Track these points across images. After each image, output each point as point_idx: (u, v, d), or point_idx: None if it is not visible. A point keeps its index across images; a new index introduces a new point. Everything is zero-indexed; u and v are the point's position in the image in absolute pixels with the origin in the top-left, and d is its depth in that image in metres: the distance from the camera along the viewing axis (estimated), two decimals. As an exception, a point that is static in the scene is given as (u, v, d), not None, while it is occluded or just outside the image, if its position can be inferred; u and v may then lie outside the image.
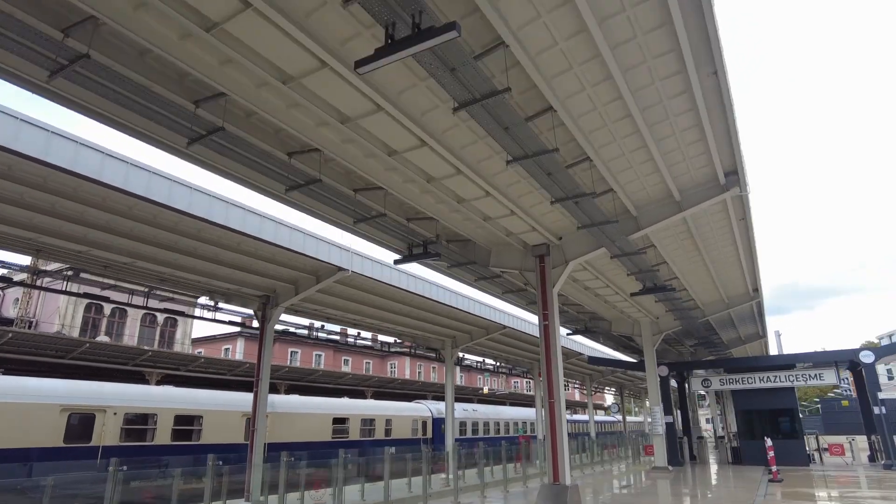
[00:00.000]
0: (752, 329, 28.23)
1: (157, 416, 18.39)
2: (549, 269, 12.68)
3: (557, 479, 11.40)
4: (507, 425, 38.83)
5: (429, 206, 11.15)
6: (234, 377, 26.93)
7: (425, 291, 19.51)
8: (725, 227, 14.16)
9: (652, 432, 21.12)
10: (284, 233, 14.20)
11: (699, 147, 10.29)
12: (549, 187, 9.03)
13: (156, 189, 11.26)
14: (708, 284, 18.72)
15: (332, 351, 58.13)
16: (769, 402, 22.74)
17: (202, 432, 19.57)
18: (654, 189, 11.57)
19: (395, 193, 10.57)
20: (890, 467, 19.88)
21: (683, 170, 11.01)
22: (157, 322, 35.17)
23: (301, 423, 23.99)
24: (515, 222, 11.55)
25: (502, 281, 14.77)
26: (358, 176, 10.46)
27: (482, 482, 14.17)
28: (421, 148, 8.36)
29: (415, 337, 26.63)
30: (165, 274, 15.36)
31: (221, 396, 21.09)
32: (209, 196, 12.35)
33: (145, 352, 23.06)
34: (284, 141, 9.21)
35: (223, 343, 46.32)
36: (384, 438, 29.38)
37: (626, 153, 9.97)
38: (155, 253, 13.97)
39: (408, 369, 65.27)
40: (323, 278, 16.48)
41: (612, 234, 11.19)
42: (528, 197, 10.90)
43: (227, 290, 17.24)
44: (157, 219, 12.45)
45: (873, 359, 21.21)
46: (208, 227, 12.81)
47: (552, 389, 11.94)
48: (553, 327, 12.30)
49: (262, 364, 16.90)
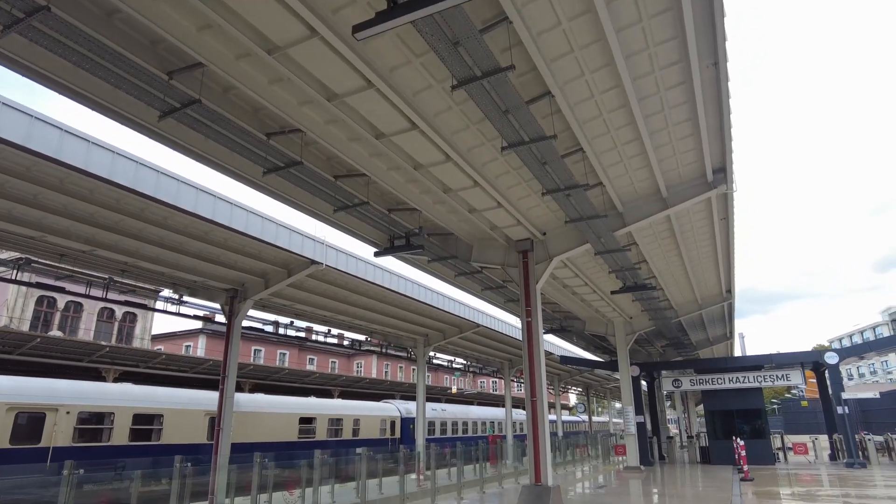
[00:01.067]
0: (721, 330, 28.66)
1: (113, 415, 17.38)
2: (532, 265, 12.38)
3: (539, 480, 11.10)
4: (476, 425, 38.57)
5: (413, 196, 10.70)
6: (196, 375, 25.87)
7: (401, 288, 19.03)
8: (706, 226, 14.14)
9: (625, 432, 21.12)
10: (256, 222, 13.53)
11: (690, 142, 10.14)
12: (542, 177, 8.70)
13: (120, 171, 10.49)
14: (684, 285, 18.79)
15: (297, 350, 56.93)
16: (737, 402, 23.05)
17: (163, 432, 18.62)
18: (641, 185, 11.39)
19: (378, 181, 10.09)
20: (852, 465, 20.34)
21: (672, 165, 10.86)
22: (116, 317, 33.62)
23: (267, 423, 23.17)
24: (501, 215, 11.21)
25: (482, 277, 14.43)
26: (340, 162, 9.95)
27: (459, 482, 13.79)
28: (411, 131, 7.91)
29: (386, 335, 26.09)
30: (127, 264, 14.48)
31: (183, 394, 20.14)
32: (178, 181, 11.62)
33: (102, 347, 21.89)
34: (263, 121, 8.63)
35: (184, 340, 44.76)
36: (352, 439, 28.70)
37: (619, 145, 9.73)
38: (117, 241, 13.11)
39: (375, 369, 64.44)
40: (295, 272, 15.83)
41: (599, 229, 10.95)
42: (516, 189, 10.56)
43: (192, 282, 16.41)
44: (120, 204, 11.65)
45: (837, 360, 21.71)
46: (176, 214, 12.06)
47: (534, 387, 11.63)
48: (536, 324, 12.00)
49: (229, 360, 16.15)
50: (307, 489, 12.26)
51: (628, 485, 16.16)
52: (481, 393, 57.78)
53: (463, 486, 14.63)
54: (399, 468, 13.58)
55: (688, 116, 9.29)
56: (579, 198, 9.49)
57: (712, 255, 16.39)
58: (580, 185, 9.03)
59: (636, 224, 11.83)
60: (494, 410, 43.21)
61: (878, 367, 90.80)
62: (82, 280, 15.68)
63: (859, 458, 20.62)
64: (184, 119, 7.16)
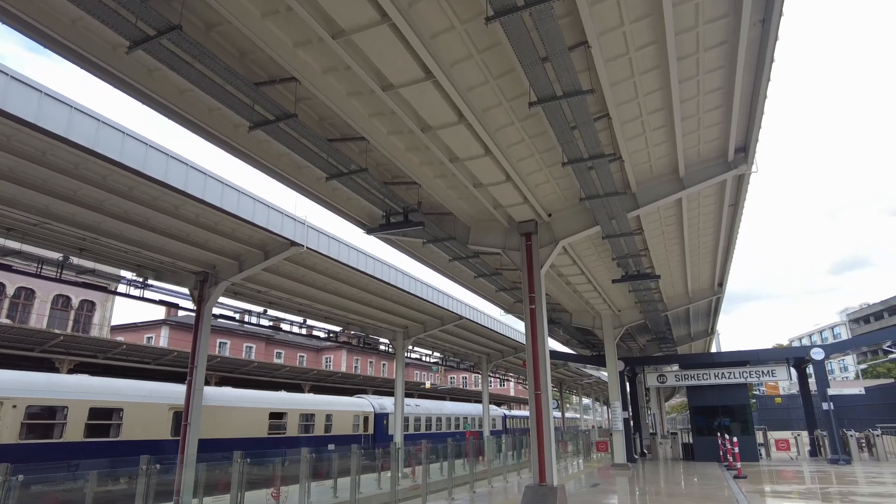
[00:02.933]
0: (703, 326, 28.42)
1: (67, 408, 15.85)
2: (536, 248, 11.48)
3: (544, 480, 10.23)
4: (452, 421, 37.69)
5: (412, 167, 9.65)
6: (160, 367, 24.25)
7: (385, 275, 17.93)
8: (713, 213, 13.49)
9: (612, 428, 20.51)
10: (231, 196, 12.27)
11: (716, 116, 9.36)
12: (567, 144, 7.78)
13: (78, 127, 9.16)
14: (678, 276, 18.22)
15: (265, 343, 55.17)
16: (722, 398, 22.72)
17: (122, 427, 17.14)
18: (658, 163, 10.59)
19: (376, 148, 9.03)
20: (836, 462, 20.17)
21: (693, 142, 10.09)
22: (72, 305, 31.50)
23: (235, 418, 21.79)
24: (508, 192, 10.26)
25: (478, 263, 13.47)
26: (334, 124, 8.83)
27: (451, 480, 12.83)
28: (424, 82, 6.87)
29: (364, 327, 24.93)
30: (86, 240, 13.02)
31: (145, 387, 18.65)
32: (146, 144, 10.31)
33: (55, 336, 20.15)
34: (250, 68, 7.47)
35: (146, 331, 42.63)
36: (324, 435, 27.47)
37: (644, 115, 8.88)
38: (74, 213, 11.68)
39: (344, 364, 62.96)
40: (272, 254, 14.59)
41: (615, 209, 10.11)
42: (527, 162, 9.62)
43: (159, 263, 15.00)
44: (79, 169, 10.28)
45: (823, 356, 21.54)
46: (143, 182, 10.74)
47: (538, 380, 10.75)
48: (540, 311, 11.11)
49: (198, 350, 14.82)
50: (292, 487, 11.12)
51: (623, 483, 15.48)
52: (454, 388, 57.02)
53: (438, 487, 13.66)
54: (392, 467, 12.50)
55: (721, 84, 8.50)
56: (602, 171, 8.61)
57: (712, 246, 15.81)
58: (606, 154, 8.13)
59: (649, 206, 11.04)
60: (468, 406, 42.43)
61: (835, 366, 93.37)
62: (33, 258, 14.11)
63: (844, 454, 20.47)
64: (159, 53, 5.96)
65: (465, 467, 15.07)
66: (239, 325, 53.89)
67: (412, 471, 12.51)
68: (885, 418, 26.94)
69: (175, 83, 8.04)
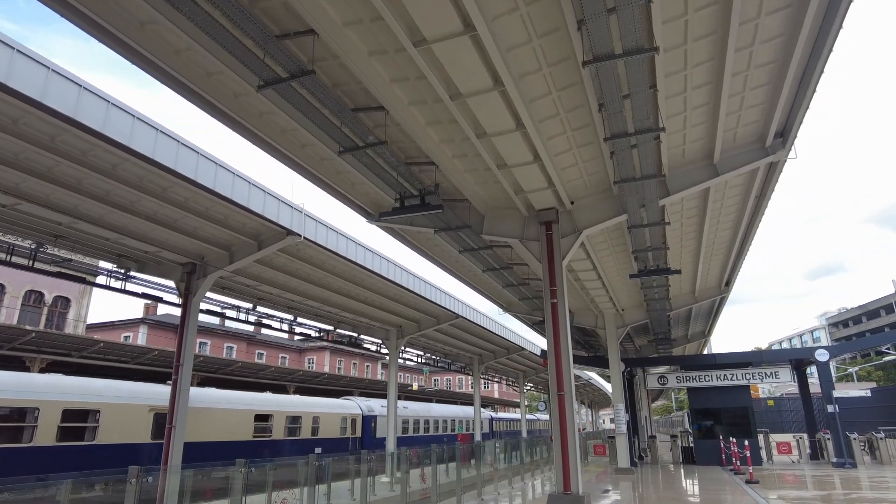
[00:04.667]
0: (701, 327, 27.96)
1: (38, 410, 14.61)
2: (557, 239, 10.67)
3: (569, 488, 9.40)
4: (444, 423, 36.76)
5: (430, 145, 8.76)
6: (139, 366, 22.94)
7: (383, 270, 16.99)
8: (736, 204, 12.82)
9: (615, 431, 19.80)
10: (225, 178, 11.24)
11: (761, 94, 8.65)
12: (613, 116, 6.97)
13: (55, 92, 8.10)
14: (689, 273, 17.57)
15: (246, 343, 53.65)
16: (724, 400, 22.18)
17: (99, 430, 15.91)
18: (692, 146, 9.86)
19: (394, 123, 8.14)
20: (842, 465, 19.71)
21: (732, 123, 9.37)
22: (45, 301, 29.90)
23: (219, 420, 20.62)
24: (532, 175, 9.41)
25: (490, 255, 12.61)
26: (348, 92, 7.90)
27: (459, 488, 11.94)
28: (461, 37, 5.99)
29: (356, 326, 23.92)
30: (62, 225, 11.86)
31: (125, 387, 17.41)
32: (133, 115, 9.27)
33: (26, 332, 18.79)
34: (260, 19, 6.52)
35: (124, 330, 40.98)
36: (311, 438, 26.35)
37: (688, 90, 8.13)
38: (49, 193, 10.56)
39: (328, 364, 61.65)
40: (267, 244, 13.58)
41: (648, 195, 9.34)
42: (557, 141, 8.80)
43: (142, 253, 13.87)
44: (55, 142, 9.20)
45: (828, 357, 21.11)
46: (128, 160, 9.69)
47: (561, 380, 9.92)
48: (562, 306, 10.30)
49: (184, 347, 13.74)
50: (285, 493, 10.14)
51: (635, 488, 14.74)
52: (440, 391, 56.09)
53: (447, 492, 12.76)
54: (402, 471, 11.54)
55: (774, 58, 7.77)
56: (646, 148, 7.82)
57: (728, 241, 15.18)
58: (654, 129, 7.34)
59: (678, 194, 10.29)
60: (456, 408, 41.55)
61: (812, 369, 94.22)
62: (1, 245, 12.89)
63: (850, 457, 20.03)
64: None
65: (468, 472, 14.18)
66: (220, 324, 52.11)
67: (423, 476, 11.62)
68: (886, 421, 26.73)
69: (171, 41, 7.07)
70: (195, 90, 7.75)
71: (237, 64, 6.94)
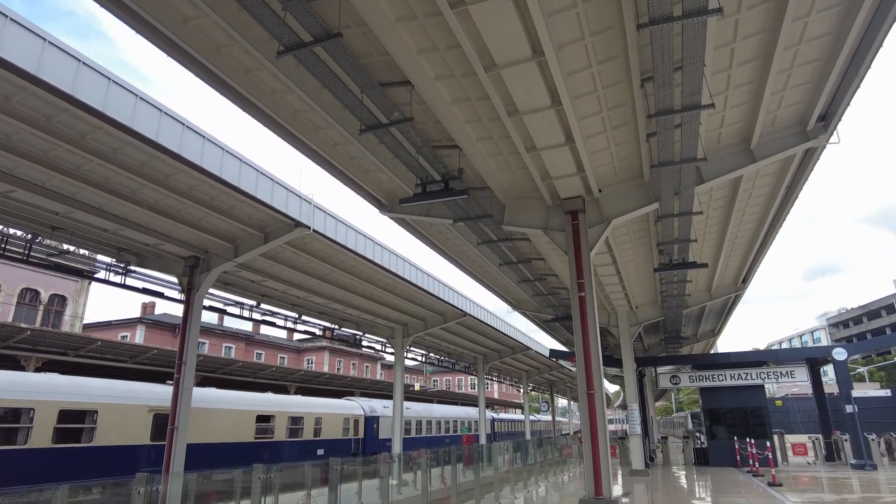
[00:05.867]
0: (711, 326, 27.44)
1: (33, 411, 13.97)
2: (584, 229, 10.10)
3: (601, 493, 8.82)
4: (447, 424, 36.14)
5: (454, 126, 8.16)
6: (137, 366, 22.29)
7: (393, 265, 16.40)
8: (765, 195, 12.26)
9: (630, 432, 19.23)
10: (232, 165, 10.64)
11: (809, 72, 8.10)
12: (661, 89, 6.40)
13: (50, 67, 7.48)
14: (707, 269, 17.00)
15: (245, 343, 52.95)
16: (738, 400, 21.64)
17: (96, 432, 15.27)
18: (729, 130, 9.31)
19: (418, 101, 7.56)
20: (862, 467, 19.18)
21: (774, 105, 8.82)
22: (41, 300, 29.19)
23: (220, 421, 19.99)
24: (561, 159, 8.84)
25: (509, 248, 12.01)
26: (371, 64, 7.31)
27: (477, 493, 11.35)
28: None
29: (360, 324, 23.32)
30: (59, 215, 11.24)
31: (123, 387, 16.76)
32: (136, 95, 8.66)
33: (22, 331, 18.14)
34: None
35: (120, 330, 40.27)
36: (313, 439, 25.73)
37: (734, 66, 7.58)
38: (45, 180, 9.94)
39: (326, 365, 60.98)
40: (274, 236, 12.97)
41: (685, 180, 8.78)
42: (591, 121, 8.23)
43: (143, 245, 13.25)
44: (51, 123, 8.59)
45: (846, 356, 20.58)
46: (130, 144, 9.09)
47: (590, 378, 9.35)
48: (590, 300, 9.73)
49: (187, 345, 13.13)
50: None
51: (656, 492, 14.17)
52: (441, 391, 55.48)
53: (462, 492, 12.17)
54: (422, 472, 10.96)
55: (829, 29, 7.23)
56: (690, 128, 7.25)
57: (751, 234, 14.63)
58: (704, 105, 6.77)
59: (713, 181, 9.74)
60: (458, 409, 40.97)
61: (825, 368, 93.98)
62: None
63: (869, 459, 19.51)
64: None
65: (483, 472, 13.58)
66: (218, 324, 51.33)
67: (443, 479, 11.04)
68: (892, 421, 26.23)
69: (180, 8, 6.49)
70: (204, 63, 7.17)
71: (251, 31, 6.37)
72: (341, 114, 8.37)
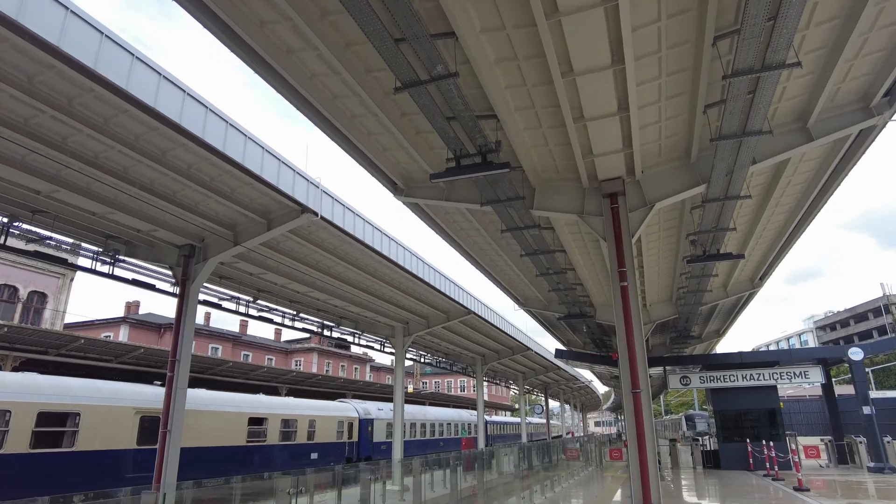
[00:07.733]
0: (717, 326, 26.82)
1: (9, 413, 12.81)
2: (624, 213, 9.26)
3: (649, 501, 7.96)
4: (440, 427, 35.15)
5: (494, 91, 7.24)
6: (122, 365, 21.06)
7: (399, 257, 15.46)
8: (805, 181, 11.51)
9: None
10: (237, 140, 9.63)
11: (885, 37, 7.32)
12: (748, 42, 5.55)
13: (35, 11, 6.45)
14: (728, 263, 16.29)
15: (231, 344, 51.55)
16: (751, 401, 20.97)
17: (79, 435, 14.12)
18: (785, 106, 8.52)
19: (461, 59, 6.65)
20: (881, 470, 18.59)
21: (839, 77, 8.03)
22: (20, 296, 27.74)
23: (211, 424, 18.88)
24: (608, 132, 7.99)
25: (534, 236, 11.12)
26: (417, 7, 6.38)
27: (503, 493, 10.48)
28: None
29: (359, 321, 22.31)
30: (40, 195, 10.13)
31: (107, 387, 15.60)
32: (132, 54, 7.63)
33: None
34: None
35: (103, 329, 38.77)
36: (306, 442, 24.66)
37: (811, 26, 6.77)
38: (25, 154, 8.85)
39: (315, 366, 59.69)
40: (278, 223, 11.96)
41: (743, 158, 7.96)
42: (648, 88, 7.38)
43: (134, 232, 12.15)
44: (34, 84, 7.54)
45: (862, 356, 20.02)
46: (124, 113, 8.06)
47: (636, 376, 8.50)
48: (633, 290, 8.89)
49: (182, 341, 12.05)
50: None
51: (679, 497, 13.36)
52: (434, 393, 54.48)
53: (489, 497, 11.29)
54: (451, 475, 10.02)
55: (919, -17, 6.46)
56: (763, 94, 6.41)
57: (780, 226, 13.90)
58: (790, 64, 5.93)
59: (769, 160, 8.95)
60: (452, 411, 40.03)
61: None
62: (-30, 220, 11.09)
63: (888, 462, 18.92)
64: None
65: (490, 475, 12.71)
66: (204, 324, 49.90)
67: (473, 490, 10.16)
68: None
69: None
70: (217, 14, 6.20)
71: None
72: (365, 78, 7.45)
